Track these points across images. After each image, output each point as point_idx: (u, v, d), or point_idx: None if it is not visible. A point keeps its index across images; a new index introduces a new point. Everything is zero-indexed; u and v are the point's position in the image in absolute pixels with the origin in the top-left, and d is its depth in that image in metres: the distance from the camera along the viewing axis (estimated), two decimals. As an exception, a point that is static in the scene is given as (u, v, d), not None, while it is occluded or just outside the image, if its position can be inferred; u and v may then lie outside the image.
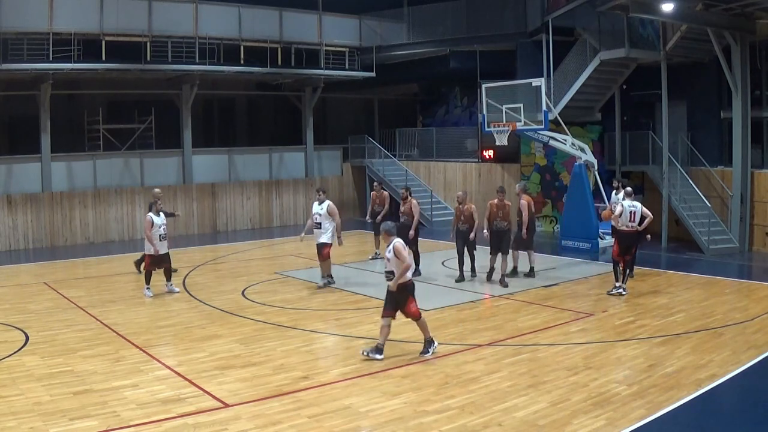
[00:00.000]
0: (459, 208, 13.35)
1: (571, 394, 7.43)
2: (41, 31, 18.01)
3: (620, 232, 12.14)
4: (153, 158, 21.37)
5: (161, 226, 12.44)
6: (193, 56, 20.20)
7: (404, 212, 14.26)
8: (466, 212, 13.19)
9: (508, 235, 13.20)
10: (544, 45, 19.96)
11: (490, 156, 22.08)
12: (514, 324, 10.44)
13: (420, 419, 6.82)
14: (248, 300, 12.20)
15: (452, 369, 8.34)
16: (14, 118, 21.07)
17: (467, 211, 13.19)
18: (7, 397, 7.36)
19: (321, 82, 23.65)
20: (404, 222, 14.02)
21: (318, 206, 13.05)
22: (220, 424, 6.69)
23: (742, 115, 16.51)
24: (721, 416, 7.20)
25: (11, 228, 18.75)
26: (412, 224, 13.91)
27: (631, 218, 11.99)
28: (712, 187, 18.05)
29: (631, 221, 12.00)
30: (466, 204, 13.25)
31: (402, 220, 14.06)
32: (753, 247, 17.06)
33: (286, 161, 24.21)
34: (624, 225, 12.03)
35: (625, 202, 12.14)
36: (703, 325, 10.19)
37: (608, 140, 21.05)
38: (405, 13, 24.52)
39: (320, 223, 12.94)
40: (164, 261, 12.59)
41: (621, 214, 12.03)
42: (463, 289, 12.83)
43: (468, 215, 13.17)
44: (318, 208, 13.04)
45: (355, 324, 10.54)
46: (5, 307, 11.69)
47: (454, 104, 26.10)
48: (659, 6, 15.31)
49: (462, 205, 13.26)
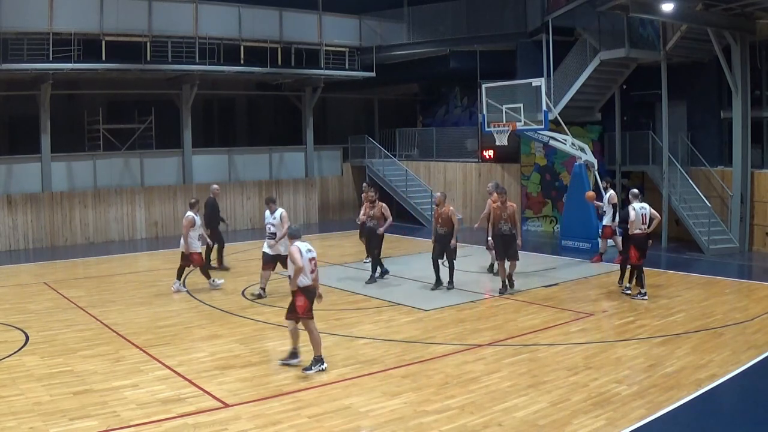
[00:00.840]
0: (437, 210, 12.70)
1: (571, 394, 7.43)
2: (41, 31, 18.00)
3: (635, 236, 11.84)
4: (153, 158, 21.37)
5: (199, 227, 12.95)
6: (193, 56, 20.19)
7: (374, 215, 13.74)
8: (444, 215, 12.51)
9: (515, 239, 12.35)
10: (544, 45, 19.96)
11: (490, 156, 22.08)
12: (514, 324, 10.44)
13: (420, 419, 6.82)
14: (248, 300, 12.20)
15: (452, 369, 8.34)
16: (14, 118, 21.08)
17: (445, 213, 12.51)
18: (7, 397, 7.36)
19: (321, 82, 23.65)
20: (372, 226, 13.63)
21: (270, 216, 12.39)
22: (220, 424, 6.69)
23: (742, 115, 16.51)
24: (721, 416, 7.20)
25: (11, 228, 18.74)
26: (383, 226, 13.50)
27: (643, 221, 11.85)
28: (712, 187, 18.05)
29: (643, 224, 11.86)
30: (444, 206, 12.59)
31: (370, 224, 13.70)
32: (753, 247, 17.06)
33: (286, 161, 24.21)
34: (637, 228, 11.84)
35: (635, 205, 11.94)
36: (703, 325, 10.19)
37: (608, 140, 21.05)
38: (405, 13, 24.51)
39: (275, 234, 12.17)
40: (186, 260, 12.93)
41: (634, 219, 11.77)
42: (463, 289, 12.82)
43: (446, 218, 12.48)
44: (270, 217, 12.38)
45: (355, 324, 10.54)
46: (5, 307, 11.68)
47: (454, 104, 26.10)
48: (659, 6, 15.31)
49: (440, 207, 12.61)
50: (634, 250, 11.87)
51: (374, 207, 13.81)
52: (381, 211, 13.72)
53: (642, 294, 11.78)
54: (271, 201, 12.62)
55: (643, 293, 11.78)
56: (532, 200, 21.31)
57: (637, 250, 11.84)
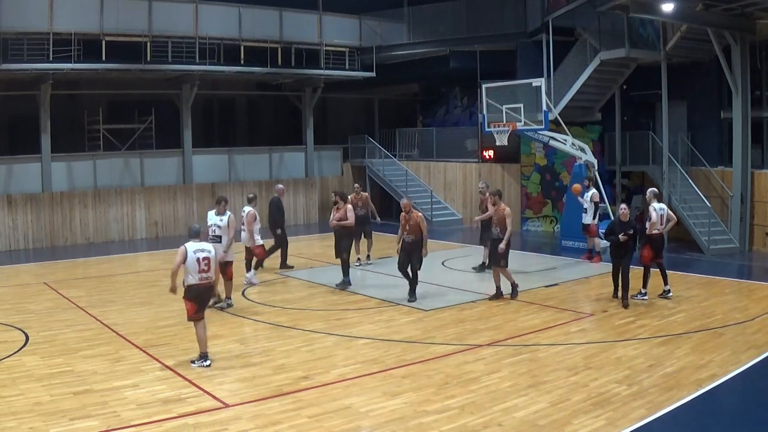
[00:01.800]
0: (404, 216, 11.77)
1: (571, 394, 7.43)
2: (41, 31, 18.00)
3: (652, 236, 11.72)
4: (153, 158, 21.37)
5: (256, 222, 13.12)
6: (193, 56, 20.19)
7: (340, 218, 13.16)
8: (413, 221, 11.60)
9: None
10: (544, 45, 19.96)
11: (490, 156, 22.08)
12: (514, 324, 10.44)
13: (420, 419, 6.82)
14: (248, 300, 12.20)
15: (452, 369, 8.33)
16: (14, 118, 21.07)
17: (414, 220, 11.59)
18: (7, 397, 7.36)
19: (321, 82, 23.65)
20: (339, 230, 13.20)
21: (216, 217, 11.26)
22: (220, 424, 6.69)
23: (742, 115, 16.50)
24: (721, 416, 7.20)
25: (11, 228, 18.74)
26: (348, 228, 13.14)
27: (661, 221, 11.78)
28: (712, 187, 18.05)
29: (661, 224, 11.79)
30: (412, 212, 11.75)
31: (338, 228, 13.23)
32: (753, 247, 17.06)
33: (286, 161, 24.21)
34: (656, 229, 11.73)
35: (655, 205, 11.83)
36: (703, 325, 10.19)
37: (608, 140, 21.06)
38: (405, 13, 24.51)
39: (220, 237, 11.13)
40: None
41: (656, 220, 11.62)
42: (463, 289, 12.82)
43: (414, 225, 11.57)
44: (216, 219, 11.24)
45: (355, 324, 10.54)
46: (5, 307, 11.69)
47: (454, 104, 26.10)
48: (659, 6, 15.31)
49: (407, 214, 11.73)
50: (649, 251, 11.69)
51: (339, 210, 13.25)
52: (346, 213, 13.15)
53: (642, 294, 11.77)
54: (224, 201, 11.43)
55: (643, 293, 11.77)
56: (532, 200, 21.31)
57: (652, 250, 11.69)
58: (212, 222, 11.29)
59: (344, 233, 13.19)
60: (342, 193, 13.66)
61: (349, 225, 13.16)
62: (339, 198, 13.40)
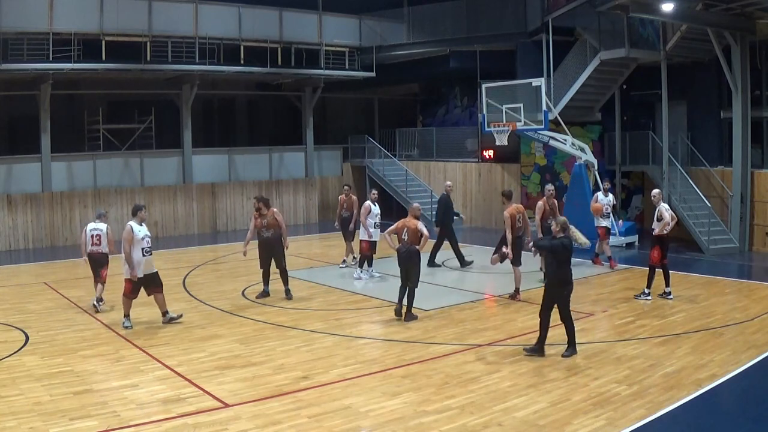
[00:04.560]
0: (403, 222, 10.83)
1: (571, 394, 7.43)
2: (41, 31, 18.00)
3: (662, 237, 11.66)
4: (153, 158, 21.37)
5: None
6: (193, 56, 20.19)
7: (268, 225, 11.79)
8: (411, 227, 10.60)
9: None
10: (544, 45, 19.95)
11: (490, 156, 22.09)
12: (514, 324, 10.44)
13: (420, 419, 6.82)
14: (248, 300, 12.19)
15: (452, 369, 8.33)
16: (14, 118, 21.09)
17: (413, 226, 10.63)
18: (7, 397, 7.36)
19: (321, 82, 23.65)
20: (268, 237, 11.82)
21: (144, 228, 10.16)
22: (220, 424, 6.69)
23: (742, 115, 16.50)
24: (721, 416, 7.19)
25: (11, 228, 18.75)
26: (282, 237, 11.91)
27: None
28: (712, 187, 18.05)
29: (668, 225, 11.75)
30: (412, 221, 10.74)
31: (266, 235, 11.82)
32: (753, 247, 17.05)
33: (286, 161, 24.21)
34: (666, 229, 11.63)
35: (665, 205, 11.76)
36: (703, 325, 10.18)
37: (608, 140, 21.06)
38: (405, 13, 24.50)
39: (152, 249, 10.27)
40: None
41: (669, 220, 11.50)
42: (463, 289, 12.82)
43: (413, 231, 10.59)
44: (145, 230, 10.16)
45: (355, 324, 10.55)
46: (5, 307, 11.69)
47: (454, 104, 26.11)
48: (659, 6, 15.30)
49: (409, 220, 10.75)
50: (659, 251, 11.63)
51: (265, 216, 11.84)
52: (275, 218, 11.89)
53: (645, 294, 11.77)
54: (143, 208, 10.47)
55: (647, 293, 11.78)
56: (532, 200, 21.26)
57: (662, 250, 11.65)
58: (143, 233, 10.10)
59: (267, 245, 11.85)
60: (264, 198, 12.23)
61: (285, 234, 11.95)
62: (262, 204, 11.94)
